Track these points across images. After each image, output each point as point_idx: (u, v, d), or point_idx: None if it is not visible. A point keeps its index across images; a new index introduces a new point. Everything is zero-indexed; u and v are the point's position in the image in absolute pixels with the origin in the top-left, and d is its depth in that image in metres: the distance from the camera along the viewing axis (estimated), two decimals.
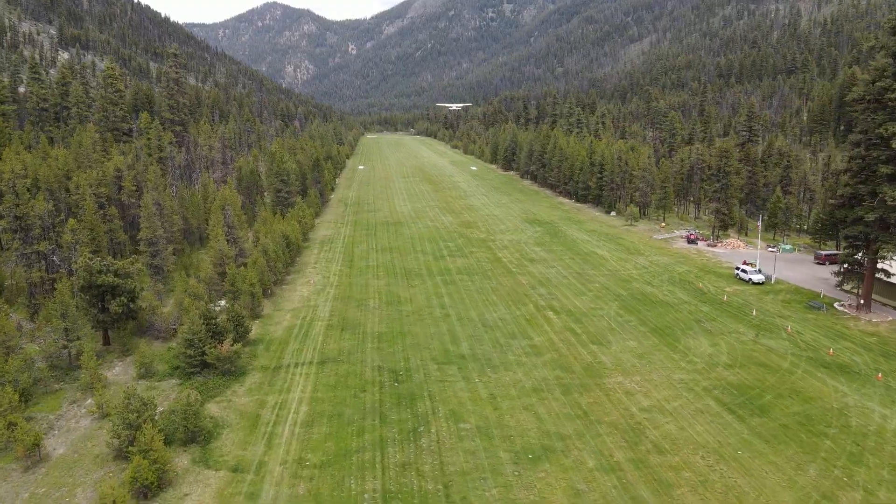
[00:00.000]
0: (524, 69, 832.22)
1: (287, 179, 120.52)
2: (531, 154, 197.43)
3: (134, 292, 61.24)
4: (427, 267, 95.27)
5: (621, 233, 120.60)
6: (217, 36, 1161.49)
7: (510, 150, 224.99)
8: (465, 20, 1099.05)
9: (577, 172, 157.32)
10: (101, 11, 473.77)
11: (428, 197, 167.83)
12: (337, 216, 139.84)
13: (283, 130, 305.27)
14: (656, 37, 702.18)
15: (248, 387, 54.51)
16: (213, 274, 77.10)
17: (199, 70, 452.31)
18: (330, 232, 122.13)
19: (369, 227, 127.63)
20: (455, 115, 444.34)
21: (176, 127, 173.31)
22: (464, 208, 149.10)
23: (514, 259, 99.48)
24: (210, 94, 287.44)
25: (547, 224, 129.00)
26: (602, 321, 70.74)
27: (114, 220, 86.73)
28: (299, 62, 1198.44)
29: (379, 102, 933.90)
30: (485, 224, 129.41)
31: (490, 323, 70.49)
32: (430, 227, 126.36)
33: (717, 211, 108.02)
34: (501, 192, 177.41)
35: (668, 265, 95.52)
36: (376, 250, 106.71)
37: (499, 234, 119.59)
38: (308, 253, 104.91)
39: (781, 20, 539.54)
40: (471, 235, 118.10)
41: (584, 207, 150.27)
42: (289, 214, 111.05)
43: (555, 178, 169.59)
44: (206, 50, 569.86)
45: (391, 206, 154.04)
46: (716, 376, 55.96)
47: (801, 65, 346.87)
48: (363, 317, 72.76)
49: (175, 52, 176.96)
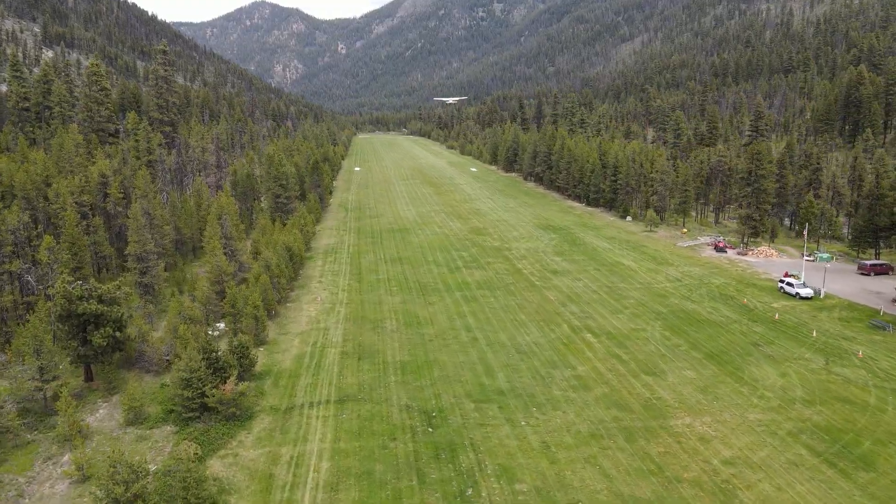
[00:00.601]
0: (515, 69, 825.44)
1: (286, 184, 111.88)
2: (535, 155, 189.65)
3: (121, 321, 52.61)
4: (443, 280, 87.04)
5: (642, 240, 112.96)
6: (205, 35, 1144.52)
7: (512, 152, 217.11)
8: (455, 19, 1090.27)
9: (587, 175, 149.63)
10: (87, 9, 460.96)
11: (431, 200, 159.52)
12: (338, 222, 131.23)
13: (276, 130, 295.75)
14: (648, 36, 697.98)
15: (258, 435, 46.11)
16: (210, 293, 68.52)
17: (187, 69, 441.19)
18: (333, 240, 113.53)
19: (374, 234, 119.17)
20: (449, 115, 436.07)
21: (165, 127, 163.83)
22: (471, 213, 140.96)
23: (535, 271, 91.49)
24: (199, 93, 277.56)
25: (562, 230, 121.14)
26: (648, 345, 62.90)
27: (98, 231, 77.85)
28: (288, 61, 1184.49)
29: (369, 102, 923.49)
30: (496, 230, 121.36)
31: (524, 348, 62.45)
32: (438, 235, 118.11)
33: (748, 217, 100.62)
34: (507, 195, 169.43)
35: (703, 277, 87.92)
36: (385, 261, 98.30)
37: (513, 241, 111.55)
38: (312, 265, 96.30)
39: (773, 20, 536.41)
40: (484, 244, 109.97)
41: (596, 212, 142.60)
42: (290, 222, 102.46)
43: (563, 180, 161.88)
44: (195, 49, 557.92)
45: (394, 210, 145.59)
46: (797, 416, 48.25)
47: (797, 64, 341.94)
48: (381, 342, 64.43)
49: (164, 49, 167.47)
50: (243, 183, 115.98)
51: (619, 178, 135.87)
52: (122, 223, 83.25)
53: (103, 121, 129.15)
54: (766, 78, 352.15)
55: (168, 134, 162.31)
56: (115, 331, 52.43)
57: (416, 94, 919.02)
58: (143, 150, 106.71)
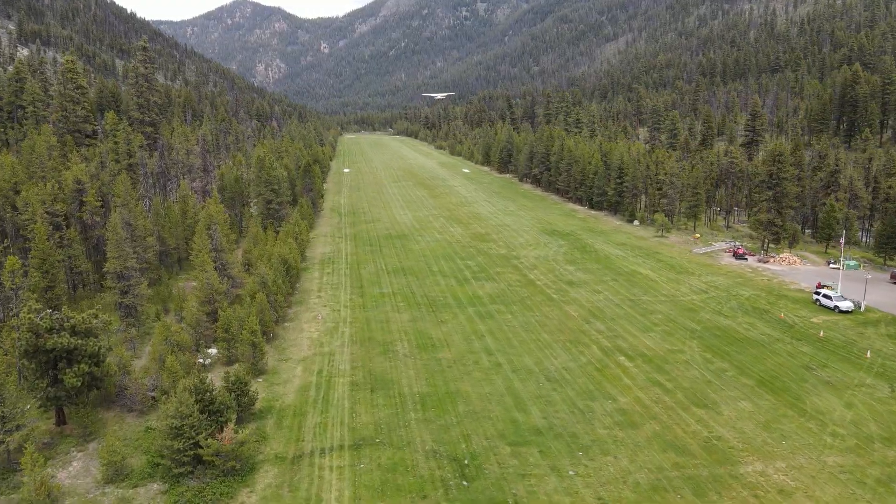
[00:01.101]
0: (500, 68, 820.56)
1: (278, 189, 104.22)
2: (532, 156, 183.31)
3: (98, 355, 45.05)
4: (452, 294, 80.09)
5: (654, 246, 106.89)
6: (185, 34, 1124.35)
7: (506, 152, 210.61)
8: (439, 19, 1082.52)
9: (589, 177, 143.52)
10: (64, 6, 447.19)
11: (427, 204, 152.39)
12: (333, 228, 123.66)
13: (261, 131, 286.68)
14: (632, 36, 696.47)
15: (262, 493, 38.85)
16: (199, 314, 60.97)
17: (167, 68, 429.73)
18: (329, 248, 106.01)
19: (372, 241, 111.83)
20: (436, 115, 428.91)
21: (146, 128, 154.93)
22: (470, 217, 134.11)
23: (549, 282, 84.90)
24: (181, 92, 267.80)
25: (569, 236, 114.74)
26: (690, 369, 56.54)
27: (73, 244, 69.86)
28: (270, 61, 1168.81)
29: (353, 102, 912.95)
30: (500, 236, 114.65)
31: (554, 375, 55.77)
32: (440, 241, 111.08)
33: (770, 223, 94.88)
34: (504, 197, 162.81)
35: (729, 288, 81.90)
36: (387, 272, 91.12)
37: (520, 249, 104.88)
38: (309, 277, 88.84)
39: (757, 19, 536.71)
40: (489, 251, 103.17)
41: (600, 215, 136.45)
42: (283, 230, 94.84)
43: (564, 182, 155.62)
44: (175, 47, 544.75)
45: (390, 215, 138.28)
46: (881, 459, 42.05)
47: (785, 63, 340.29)
48: (394, 369, 57.36)
49: (144, 45, 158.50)
50: (231, 187, 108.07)
51: (626, 180, 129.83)
52: (100, 234, 75.27)
53: (79, 121, 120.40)
54: (755, 77, 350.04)
55: (149, 135, 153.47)
56: (92, 366, 44.89)
57: (400, 93, 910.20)
58: (122, 153, 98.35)
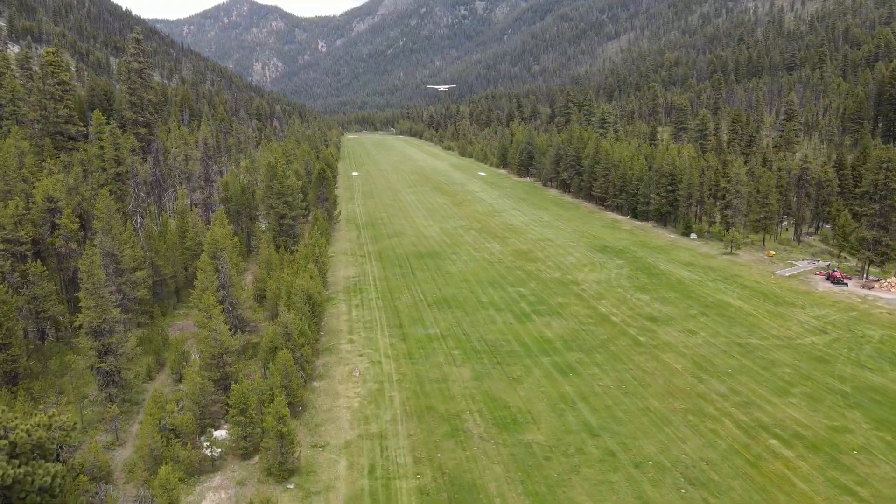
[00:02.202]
0: (499, 67, 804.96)
1: (292, 201, 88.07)
2: (559, 159, 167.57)
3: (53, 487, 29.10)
4: (515, 336, 64.27)
5: (728, 266, 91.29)
6: (181, 33, 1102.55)
7: (526, 154, 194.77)
8: (437, 17, 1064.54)
9: (632, 183, 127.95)
10: (56, 2, 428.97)
11: (451, 213, 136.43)
12: (352, 244, 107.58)
13: (262, 131, 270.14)
14: (634, 34, 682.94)
15: None
16: (204, 381, 45.05)
17: (164, 66, 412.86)
18: (353, 271, 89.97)
19: (400, 261, 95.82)
20: (441, 114, 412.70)
21: (140, 129, 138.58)
22: (505, 229, 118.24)
23: (627, 318, 69.21)
24: (178, 90, 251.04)
25: (624, 253, 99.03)
26: (878, 463, 40.96)
27: (42, 282, 53.76)
28: (268, 59, 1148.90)
29: (351, 101, 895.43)
30: (546, 254, 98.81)
31: (695, 473, 40.08)
32: (479, 261, 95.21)
33: (875, 241, 79.48)
34: (533, 205, 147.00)
35: (849, 325, 66.37)
36: (427, 303, 75.23)
37: (574, 270, 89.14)
38: (335, 311, 72.83)
39: (763, 17, 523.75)
40: (540, 274, 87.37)
41: (648, 227, 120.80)
42: (299, 251, 78.79)
43: (600, 189, 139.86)
44: (172, 45, 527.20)
45: (413, 226, 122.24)
46: None
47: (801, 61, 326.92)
48: (472, 463, 41.52)
49: (138, 37, 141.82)
50: (237, 199, 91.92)
51: (680, 187, 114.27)
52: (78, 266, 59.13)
53: (61, 121, 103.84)
54: (770, 75, 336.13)
55: (143, 137, 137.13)
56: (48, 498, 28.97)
57: (399, 92, 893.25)
58: (109, 160, 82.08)
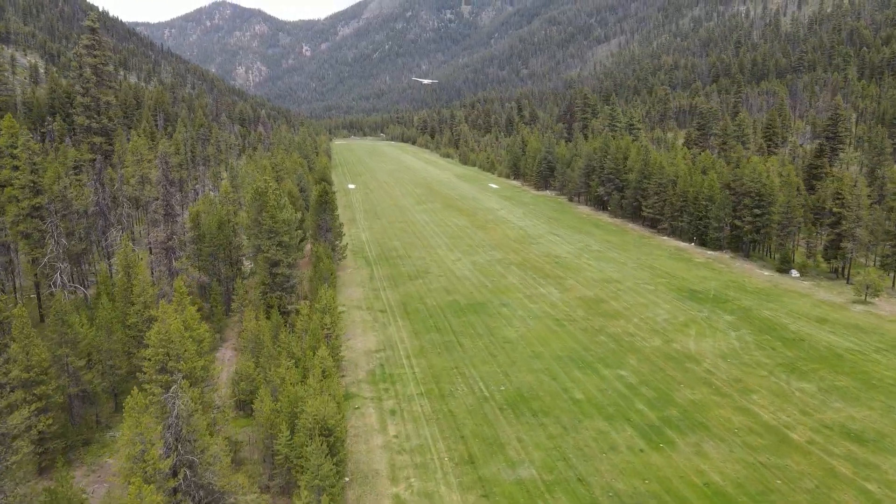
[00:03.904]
0: (487, 71, 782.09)
1: (288, 241, 61.96)
2: (590, 171, 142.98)
3: None
4: (661, 480, 38.73)
5: (878, 323, 66.70)
6: (163, 36, 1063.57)
7: (545, 165, 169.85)
8: (423, 21, 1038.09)
9: (698, 203, 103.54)
10: (28, 1, 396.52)
11: (477, 239, 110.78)
12: (365, 289, 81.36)
13: (246, 138, 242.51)
14: (624, 38, 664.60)
15: None
16: None
17: (141, 68, 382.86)
18: (374, 340, 63.85)
19: (435, 317, 69.93)
20: (435, 119, 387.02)
21: (95, 138, 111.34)
22: (551, 263, 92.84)
23: (813, 434, 44.03)
24: (153, 93, 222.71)
25: (724, 302, 74.15)
26: None
27: None
28: (251, 63, 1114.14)
29: (337, 105, 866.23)
30: (623, 304, 73.56)
31: None
32: (539, 316, 69.69)
33: None
34: (569, 227, 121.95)
35: None
36: (497, 404, 49.36)
37: (676, 333, 64.03)
38: (362, 428, 46.52)
39: (758, 20, 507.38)
40: (635, 341, 62.10)
41: (726, 259, 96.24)
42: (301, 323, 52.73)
43: (653, 208, 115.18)
44: (151, 47, 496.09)
45: (437, 259, 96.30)
46: None
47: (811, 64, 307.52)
48: None
49: (93, 26, 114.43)
50: (213, 237, 65.56)
51: (773, 210, 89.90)
52: None
53: None
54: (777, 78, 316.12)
55: (99, 147, 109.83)
56: None
57: (385, 96, 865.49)
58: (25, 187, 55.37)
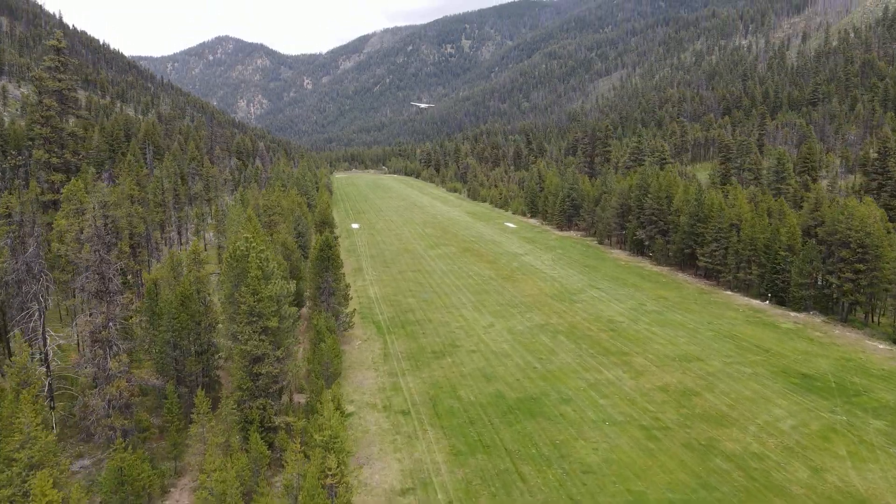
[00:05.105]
0: (488, 104, 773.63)
1: (276, 327, 43.20)
2: (625, 211, 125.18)
3: None
4: None
5: None
6: (166, 70, 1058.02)
7: (569, 202, 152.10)
8: (424, 55, 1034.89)
9: (766, 253, 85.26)
10: (24, 33, 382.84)
11: (508, 295, 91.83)
12: (380, 374, 62.05)
13: (241, 172, 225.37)
14: (626, 71, 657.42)
15: None
16: None
17: (139, 100, 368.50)
18: (396, 469, 44.13)
19: (478, 426, 50.54)
20: (437, 152, 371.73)
21: (54, 176, 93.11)
22: (609, 333, 73.85)
23: None
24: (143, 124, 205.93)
25: (854, 395, 55.09)
26: None
27: None
28: (252, 96, 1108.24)
29: (338, 137, 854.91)
30: (726, 401, 54.38)
31: None
32: (618, 422, 50.44)
33: None
34: (610, 277, 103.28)
35: None
36: None
37: (821, 454, 44.78)
38: None
39: (762, 53, 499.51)
40: (776, 475, 42.74)
41: (817, 324, 77.36)
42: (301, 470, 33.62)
43: (711, 257, 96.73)
44: (151, 80, 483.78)
45: (465, 326, 77.16)
46: None
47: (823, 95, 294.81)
48: None
49: (57, 45, 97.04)
50: (173, 321, 46.72)
51: (882, 265, 71.52)
52: None
53: None
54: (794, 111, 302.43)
55: (58, 188, 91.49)
56: None
57: (386, 129, 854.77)
58: None
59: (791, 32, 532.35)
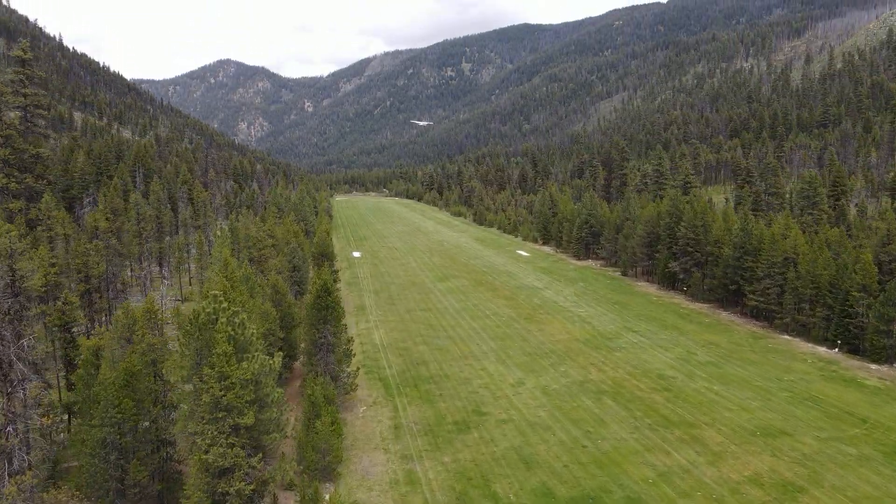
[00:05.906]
0: (489, 126, 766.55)
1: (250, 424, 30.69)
2: (653, 240, 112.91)
3: None
4: None
5: None
6: (167, 93, 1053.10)
7: (587, 230, 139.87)
8: (424, 78, 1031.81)
9: (831, 293, 72.78)
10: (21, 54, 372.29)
11: (534, 342, 78.96)
12: (391, 457, 48.83)
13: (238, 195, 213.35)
14: (627, 94, 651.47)
15: None
16: None
17: (137, 122, 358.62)
18: None
19: None
20: (440, 175, 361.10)
21: (13, 203, 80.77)
22: (666, 396, 60.91)
23: None
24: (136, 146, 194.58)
25: None
26: None
27: None
28: (253, 119, 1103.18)
29: (338, 159, 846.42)
30: (843, 502, 41.59)
31: None
32: None
33: None
34: (644, 317, 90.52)
35: None
36: None
37: None
38: None
39: (764, 76, 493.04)
40: None
41: None
42: None
43: (764, 296, 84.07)
44: (150, 102, 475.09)
45: (489, 384, 64.18)
46: None
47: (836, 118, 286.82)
48: None
49: (22, 57, 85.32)
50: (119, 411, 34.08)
51: None
52: None
53: None
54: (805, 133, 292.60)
55: (13, 217, 79.08)
56: None
57: (386, 151, 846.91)
58: None
59: (792, 55, 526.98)
